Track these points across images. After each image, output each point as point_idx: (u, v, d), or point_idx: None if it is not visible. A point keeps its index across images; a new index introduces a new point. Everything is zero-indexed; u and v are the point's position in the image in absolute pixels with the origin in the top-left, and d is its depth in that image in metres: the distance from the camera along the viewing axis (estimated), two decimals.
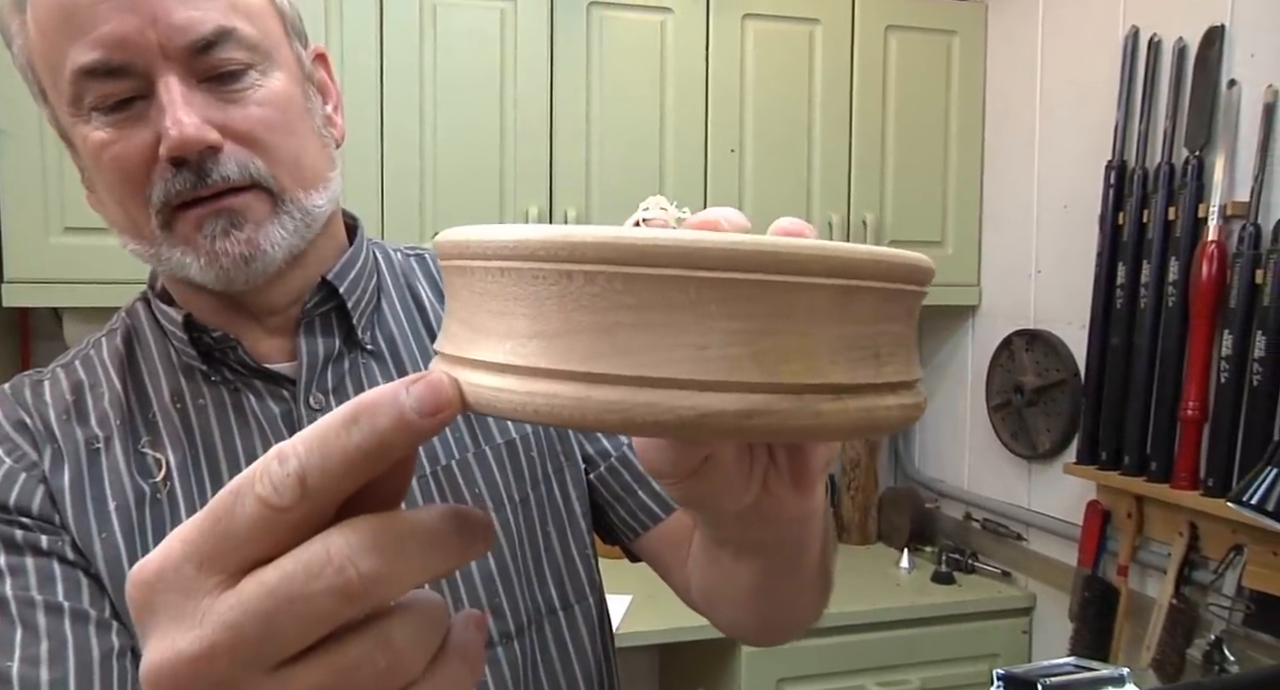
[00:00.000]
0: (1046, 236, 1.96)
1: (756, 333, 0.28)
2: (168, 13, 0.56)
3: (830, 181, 2.02)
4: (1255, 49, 1.52)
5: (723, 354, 0.27)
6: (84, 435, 0.64)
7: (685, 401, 0.27)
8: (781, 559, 0.52)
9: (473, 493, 0.68)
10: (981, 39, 2.11)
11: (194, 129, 0.56)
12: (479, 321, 0.30)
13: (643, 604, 1.74)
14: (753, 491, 0.40)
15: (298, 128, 0.62)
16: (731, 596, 0.61)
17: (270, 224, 0.60)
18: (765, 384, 0.28)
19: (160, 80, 0.56)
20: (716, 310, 0.27)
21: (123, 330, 0.69)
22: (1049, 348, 1.92)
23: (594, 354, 0.28)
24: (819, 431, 0.29)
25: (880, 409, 0.30)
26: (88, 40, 0.55)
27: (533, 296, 0.28)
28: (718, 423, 0.27)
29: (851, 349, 0.29)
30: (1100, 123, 1.77)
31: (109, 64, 0.55)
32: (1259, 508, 0.98)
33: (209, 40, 0.57)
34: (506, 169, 1.84)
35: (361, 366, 0.68)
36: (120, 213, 0.60)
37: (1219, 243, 1.52)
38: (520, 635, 0.68)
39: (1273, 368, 1.42)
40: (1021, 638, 1.98)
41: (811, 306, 0.28)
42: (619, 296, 0.28)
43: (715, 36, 1.94)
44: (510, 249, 0.29)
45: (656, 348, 0.27)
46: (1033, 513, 2.00)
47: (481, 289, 0.30)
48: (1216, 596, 1.54)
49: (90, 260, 1.63)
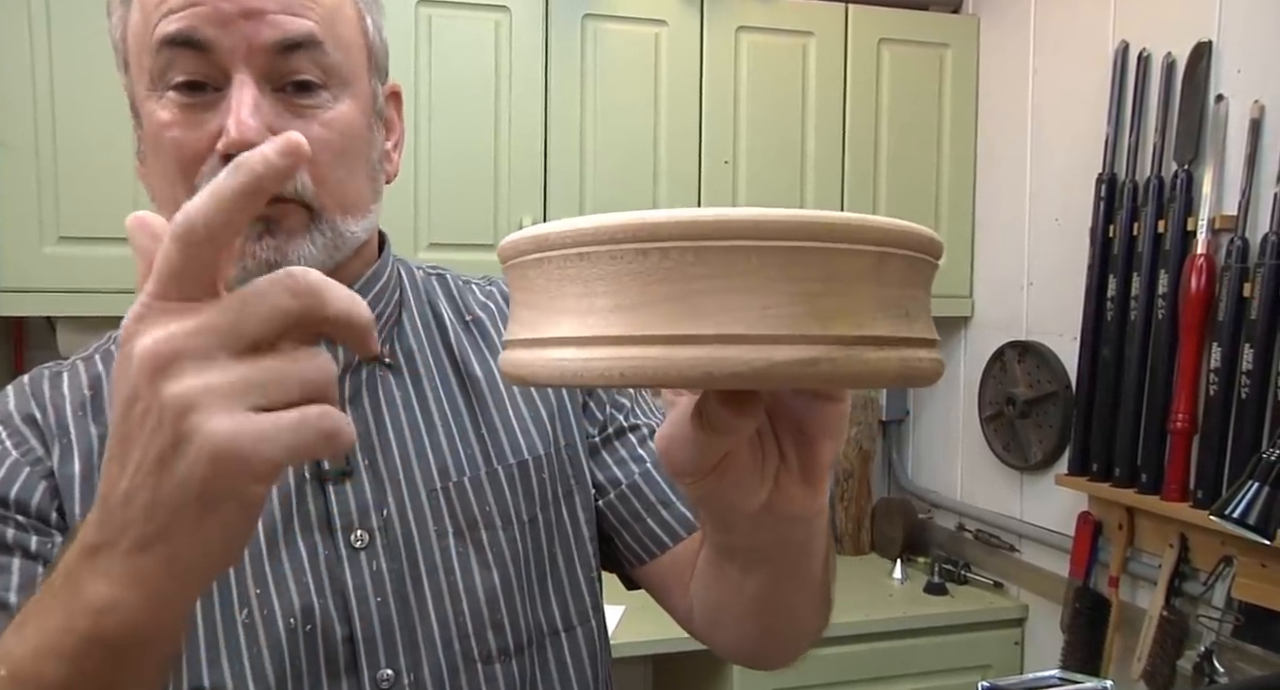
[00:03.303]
0: (1038, 249, 1.97)
1: (812, 294, 0.32)
2: (263, 8, 0.57)
3: (823, 193, 2.03)
4: (1242, 64, 1.53)
5: (785, 312, 0.32)
6: (98, 431, 0.64)
7: (757, 354, 0.31)
8: (787, 566, 0.53)
9: (483, 510, 0.68)
10: (974, 53, 2.13)
11: (254, 133, 0.56)
12: (558, 305, 0.34)
13: (636, 614, 1.74)
14: (766, 487, 0.42)
15: (353, 156, 0.62)
16: (736, 612, 0.62)
17: (302, 238, 0.60)
18: (822, 336, 0.32)
19: (237, 76, 0.57)
20: (776, 274, 0.32)
21: None
22: (1041, 359, 1.93)
23: (673, 318, 0.32)
24: (868, 377, 0.33)
25: (914, 360, 0.34)
26: (183, 14, 0.57)
27: (612, 274, 0.32)
28: (785, 371, 0.31)
29: (888, 307, 0.34)
30: (1091, 136, 1.79)
31: (194, 35, 0.56)
32: (1241, 521, 0.99)
33: (295, 42, 0.58)
34: (501, 179, 1.85)
35: (379, 379, 0.69)
36: (166, 191, 0.61)
37: (1208, 256, 1.53)
38: (520, 654, 0.68)
39: (1261, 380, 1.43)
40: (1013, 649, 1.98)
41: (855, 270, 0.33)
42: (691, 267, 0.32)
43: (709, 49, 1.95)
44: (590, 235, 0.33)
45: (727, 309, 0.32)
46: (1025, 524, 2.00)
47: (559, 275, 0.34)
48: (1206, 608, 1.55)
49: (84, 269, 1.64)
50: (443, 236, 1.82)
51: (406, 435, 0.68)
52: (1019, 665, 1.97)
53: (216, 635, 0.61)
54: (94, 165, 1.62)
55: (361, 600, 0.64)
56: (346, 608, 0.63)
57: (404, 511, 0.66)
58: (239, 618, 0.62)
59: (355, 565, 0.64)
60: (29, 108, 1.61)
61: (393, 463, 0.67)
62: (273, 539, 0.63)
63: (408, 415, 0.68)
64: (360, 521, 0.65)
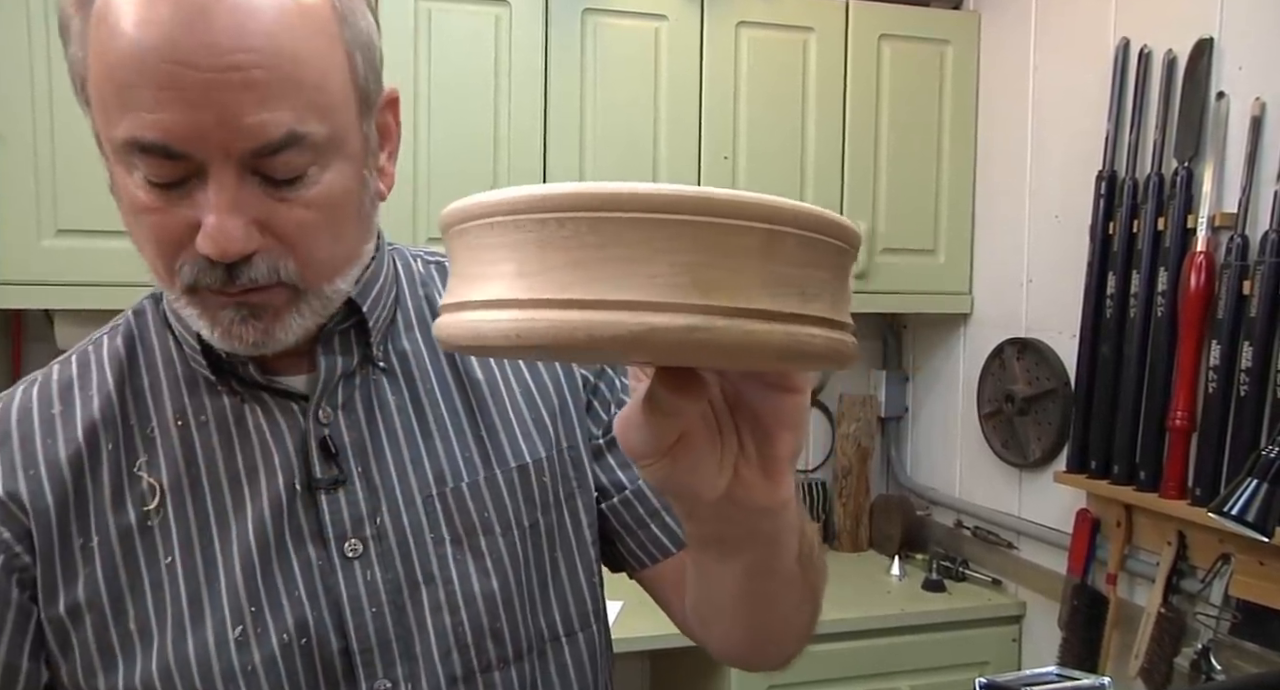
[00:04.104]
0: (1038, 246, 1.97)
1: (697, 265, 0.33)
2: (238, 114, 0.52)
3: (823, 189, 2.03)
4: (1243, 62, 1.53)
5: (670, 282, 0.33)
6: (67, 453, 0.62)
7: (638, 319, 0.33)
8: (759, 557, 0.53)
9: (481, 516, 0.67)
10: (974, 49, 2.12)
11: (235, 242, 0.54)
12: (475, 272, 0.36)
13: (634, 610, 1.74)
14: (725, 477, 0.43)
15: (342, 224, 0.60)
16: (719, 605, 0.61)
17: (288, 314, 0.59)
18: (703, 306, 0.33)
19: (213, 171, 0.53)
20: (664, 246, 0.33)
21: (125, 331, 0.67)
22: (1040, 356, 1.93)
23: (566, 284, 0.33)
24: (750, 348, 0.34)
25: (804, 335, 0.35)
26: (151, 120, 0.52)
27: (516, 243, 0.34)
28: (665, 336, 0.33)
29: (778, 284, 0.35)
30: (1091, 133, 1.79)
31: (167, 149, 0.53)
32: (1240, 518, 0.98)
33: (276, 147, 0.54)
34: (500, 174, 1.84)
35: (372, 383, 0.67)
36: (146, 256, 0.59)
37: (1207, 253, 1.53)
38: (520, 661, 0.67)
39: (1260, 378, 1.43)
40: (1011, 646, 1.99)
41: (742, 246, 0.34)
42: (586, 237, 0.33)
43: (709, 43, 1.95)
44: (497, 206, 0.35)
45: (616, 277, 0.33)
46: (1023, 521, 2.00)
47: (476, 244, 0.36)
48: (1204, 605, 1.55)
49: (83, 263, 1.63)
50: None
51: (401, 441, 0.66)
52: (1017, 662, 1.98)
53: (209, 655, 0.60)
54: (92, 159, 1.60)
55: (356, 611, 0.63)
56: (341, 619, 0.62)
57: (398, 519, 0.65)
58: (232, 636, 0.60)
59: (349, 575, 0.63)
60: (27, 102, 1.61)
61: (386, 469, 0.65)
62: (265, 553, 0.62)
63: (402, 420, 0.67)
64: (353, 530, 0.63)
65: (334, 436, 0.64)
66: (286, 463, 0.63)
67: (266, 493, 0.63)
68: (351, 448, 0.65)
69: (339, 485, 0.64)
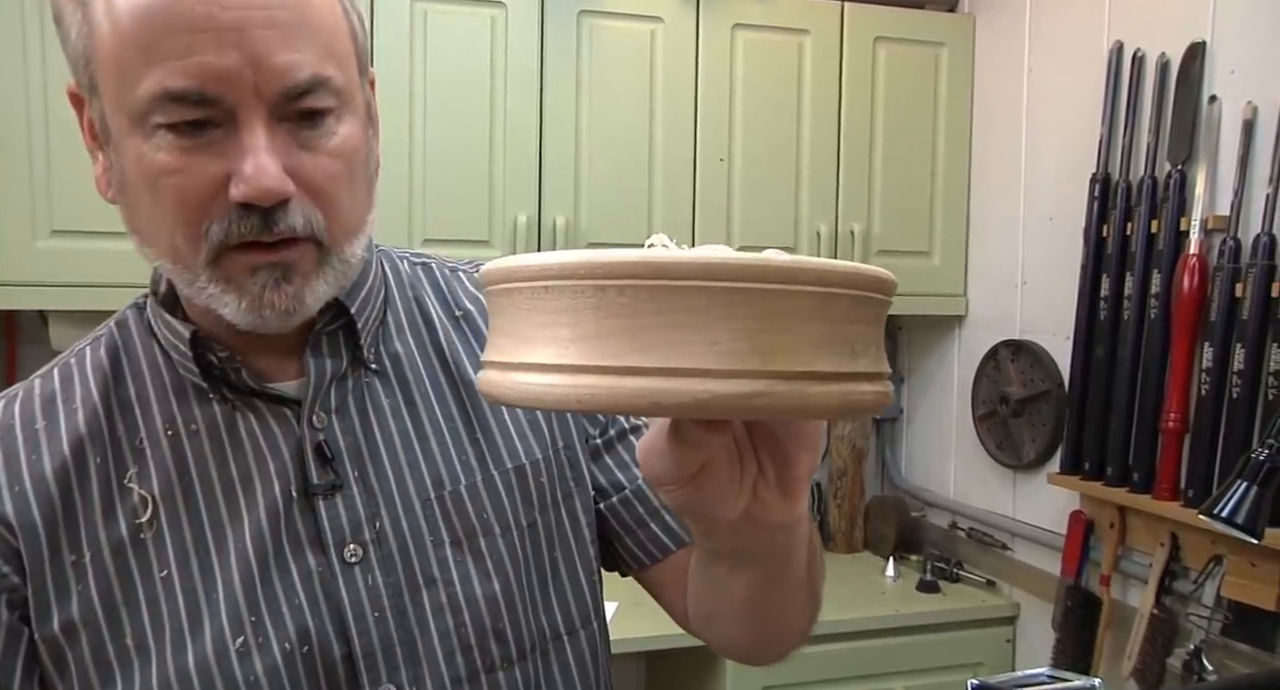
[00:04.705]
0: (1032, 248, 1.98)
1: (756, 331, 0.34)
2: (268, 54, 0.54)
3: (818, 191, 2.03)
4: (1236, 65, 1.54)
5: (730, 348, 0.34)
6: (53, 468, 0.61)
7: (701, 386, 0.34)
8: (771, 568, 0.54)
9: (480, 517, 0.67)
10: (969, 52, 2.13)
11: (275, 181, 0.54)
12: (526, 332, 0.37)
13: (629, 611, 1.74)
14: (744, 498, 0.44)
15: (358, 178, 0.61)
16: (726, 611, 0.62)
17: (315, 278, 0.59)
18: (764, 372, 0.34)
19: (246, 119, 0.54)
20: (723, 313, 0.34)
21: (108, 342, 0.66)
22: (1034, 358, 1.93)
23: (625, 351, 0.34)
24: (808, 410, 0.35)
25: (855, 393, 0.37)
26: (181, 66, 0.53)
27: (573, 308, 0.35)
28: (728, 403, 0.34)
29: (831, 344, 0.36)
30: (1085, 135, 1.79)
31: (201, 94, 0.53)
32: (1230, 520, 0.99)
33: (304, 89, 0.55)
34: (496, 176, 1.84)
35: (365, 386, 0.67)
36: (162, 235, 0.57)
37: (1200, 256, 1.54)
38: (523, 661, 0.67)
39: (1252, 380, 1.44)
40: (1005, 647, 1.99)
41: (798, 309, 0.35)
42: (644, 304, 0.34)
43: (705, 46, 1.95)
44: (554, 271, 0.35)
45: (676, 344, 0.34)
46: (1017, 522, 2.01)
47: (528, 306, 0.36)
48: (1196, 606, 1.56)
49: (77, 263, 1.63)
50: (437, 232, 1.82)
51: (397, 444, 0.66)
52: (1010, 663, 1.98)
53: (210, 666, 0.60)
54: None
55: (358, 617, 0.62)
56: (343, 625, 0.62)
57: (398, 523, 0.64)
58: (233, 647, 0.60)
59: (350, 581, 0.63)
60: (22, 102, 1.61)
61: (384, 473, 0.65)
62: (264, 561, 0.61)
63: (397, 423, 0.66)
64: (353, 536, 0.63)
65: (329, 441, 0.64)
66: (282, 469, 0.63)
67: (262, 500, 0.62)
68: (347, 452, 0.64)
69: (336, 490, 0.63)
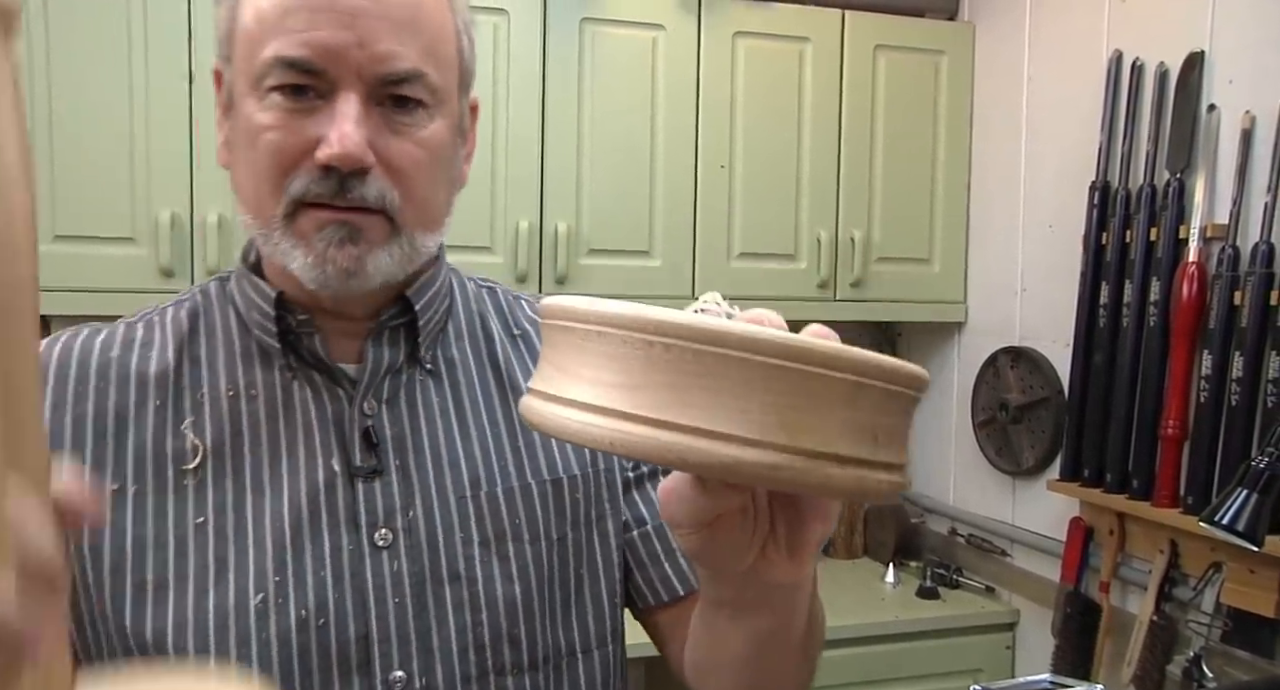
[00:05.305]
0: (1031, 255, 1.99)
1: (786, 407, 0.36)
2: (375, 40, 0.59)
3: (819, 198, 2.04)
4: (1234, 75, 1.55)
5: (759, 419, 0.36)
6: (116, 399, 0.65)
7: (727, 450, 0.36)
8: (771, 624, 0.55)
9: (512, 522, 0.68)
10: (969, 60, 2.14)
11: (356, 148, 0.59)
12: (573, 369, 0.39)
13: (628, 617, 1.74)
14: (752, 554, 0.46)
15: (439, 174, 0.65)
16: (723, 662, 0.63)
17: (381, 249, 0.62)
18: (789, 446, 0.36)
19: (343, 91, 0.60)
20: (759, 386, 0.36)
21: (190, 304, 0.70)
22: (1033, 365, 1.94)
23: (663, 405, 0.36)
24: (824, 488, 0.37)
25: (871, 480, 0.38)
26: (299, 37, 0.59)
27: (621, 356, 0.37)
28: (750, 470, 0.36)
29: (856, 431, 0.38)
30: (1084, 144, 1.80)
31: (310, 64, 0.59)
32: (1230, 528, 1.00)
33: (402, 77, 0.61)
34: (498, 182, 1.85)
35: (418, 383, 0.69)
36: (251, 188, 0.63)
37: (1199, 264, 1.54)
38: (534, 670, 0.68)
39: (1250, 387, 1.44)
40: (1005, 653, 1.99)
41: (831, 394, 0.37)
42: (688, 364, 0.36)
43: (706, 53, 1.96)
44: (610, 319, 0.38)
45: (711, 407, 0.36)
46: (1017, 529, 2.01)
47: (580, 345, 0.39)
48: (1196, 613, 1.56)
49: (79, 268, 1.63)
50: None
51: (440, 441, 0.68)
52: (1010, 670, 1.98)
53: (227, 616, 0.61)
54: (90, 165, 1.62)
55: (379, 600, 0.64)
56: (363, 605, 0.64)
57: (430, 515, 0.66)
58: (252, 602, 0.62)
59: (376, 563, 0.64)
60: (25, 107, 1.61)
61: (424, 466, 0.67)
62: (297, 529, 0.63)
63: (443, 421, 0.69)
64: (385, 520, 0.65)
65: (376, 428, 0.67)
66: (327, 445, 0.66)
67: (305, 471, 0.65)
68: (392, 441, 0.67)
69: (376, 475, 0.66)
